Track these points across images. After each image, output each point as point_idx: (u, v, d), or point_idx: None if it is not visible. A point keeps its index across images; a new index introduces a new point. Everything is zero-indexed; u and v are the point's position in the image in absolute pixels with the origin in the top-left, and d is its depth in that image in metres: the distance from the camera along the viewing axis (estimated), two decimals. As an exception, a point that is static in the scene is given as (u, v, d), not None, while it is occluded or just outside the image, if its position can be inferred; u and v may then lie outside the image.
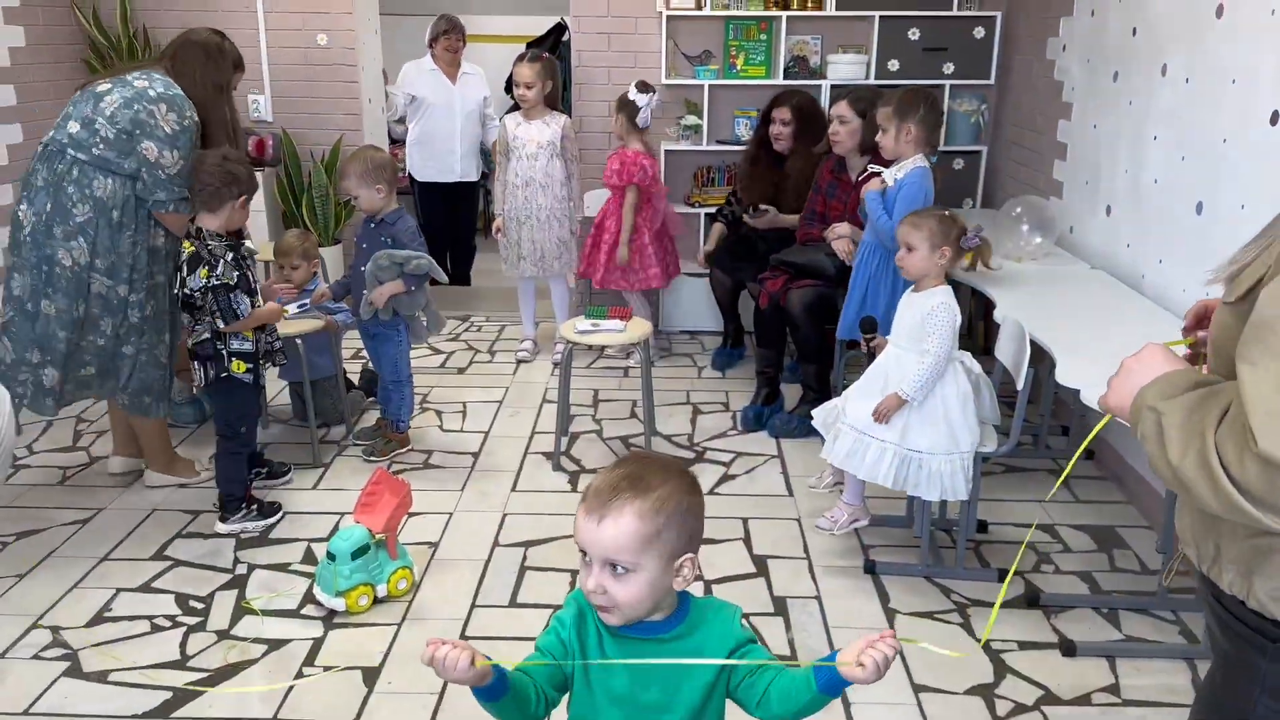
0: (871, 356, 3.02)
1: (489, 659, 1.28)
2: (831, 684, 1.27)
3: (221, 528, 3.20)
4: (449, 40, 5.61)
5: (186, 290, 3.01)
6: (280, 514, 3.26)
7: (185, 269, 3.01)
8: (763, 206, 4.36)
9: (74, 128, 3.04)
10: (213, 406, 3.21)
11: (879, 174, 3.47)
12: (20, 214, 3.08)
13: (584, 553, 1.31)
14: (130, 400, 3.27)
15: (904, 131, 3.38)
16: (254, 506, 3.24)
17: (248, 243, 3.19)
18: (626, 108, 4.46)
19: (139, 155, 3.02)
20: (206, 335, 3.06)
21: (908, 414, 2.81)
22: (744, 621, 1.40)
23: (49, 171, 3.05)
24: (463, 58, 5.72)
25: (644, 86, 4.48)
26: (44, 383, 3.12)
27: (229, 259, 3.04)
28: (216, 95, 3.19)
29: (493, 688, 1.30)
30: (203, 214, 3.05)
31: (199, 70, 3.17)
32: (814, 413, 3.12)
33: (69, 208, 3.01)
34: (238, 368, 3.11)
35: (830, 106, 4.05)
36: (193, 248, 3.02)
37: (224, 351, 3.09)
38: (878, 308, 3.42)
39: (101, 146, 3.01)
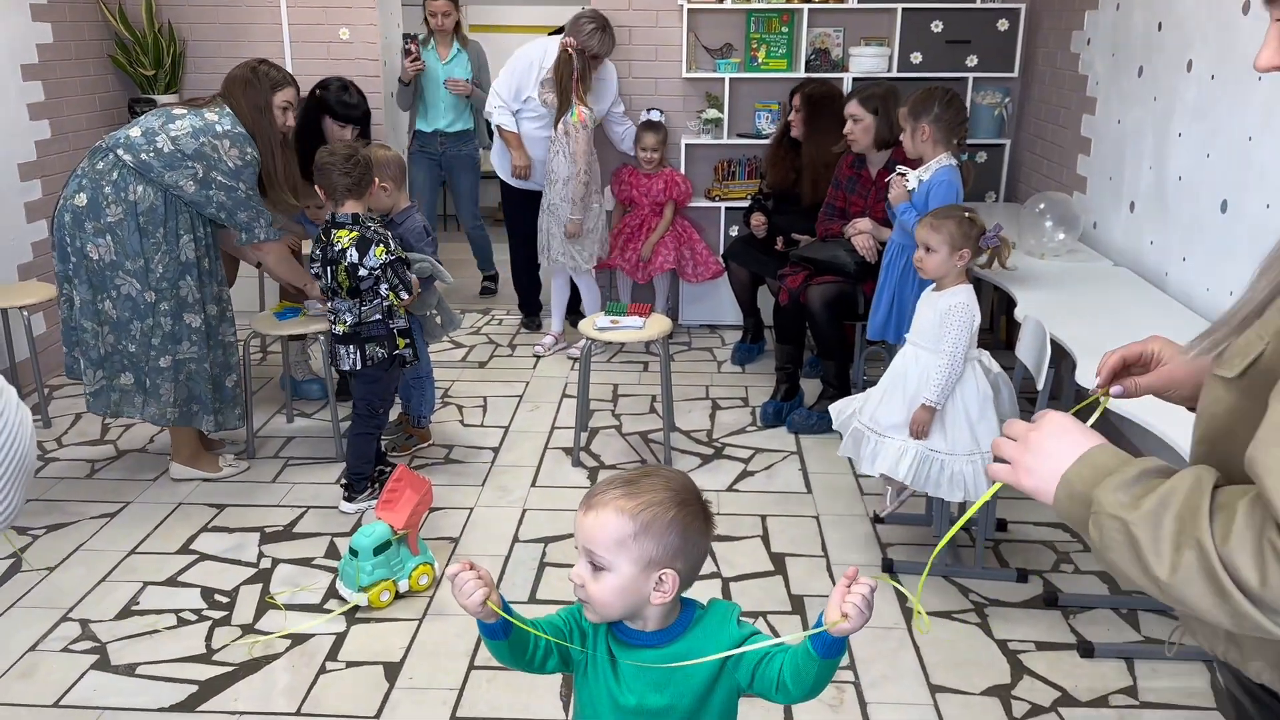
0: None
1: (504, 605, 1.34)
2: (829, 646, 1.28)
3: (347, 508, 3.33)
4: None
5: (363, 271, 3.09)
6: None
7: (355, 254, 3.09)
8: (795, 236, 4.37)
9: (134, 132, 3.21)
10: (358, 388, 3.29)
11: (903, 175, 3.45)
12: (61, 202, 3.23)
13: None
14: (179, 413, 3.37)
15: (920, 131, 3.35)
16: (377, 485, 3.33)
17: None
18: (665, 130, 4.93)
19: (213, 183, 3.21)
20: (378, 316, 3.18)
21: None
22: (741, 619, 1.41)
23: (90, 166, 3.22)
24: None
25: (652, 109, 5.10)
26: (77, 369, 3.34)
27: (392, 235, 3.17)
28: (258, 117, 3.31)
29: (495, 628, 1.36)
30: (349, 202, 3.15)
31: (242, 99, 3.31)
32: (830, 409, 3.12)
33: (103, 206, 3.16)
34: (402, 345, 3.23)
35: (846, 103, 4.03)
36: (355, 233, 3.10)
37: (394, 330, 3.21)
38: (906, 309, 3.41)
39: (150, 155, 3.16)
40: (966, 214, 2.82)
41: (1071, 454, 1.04)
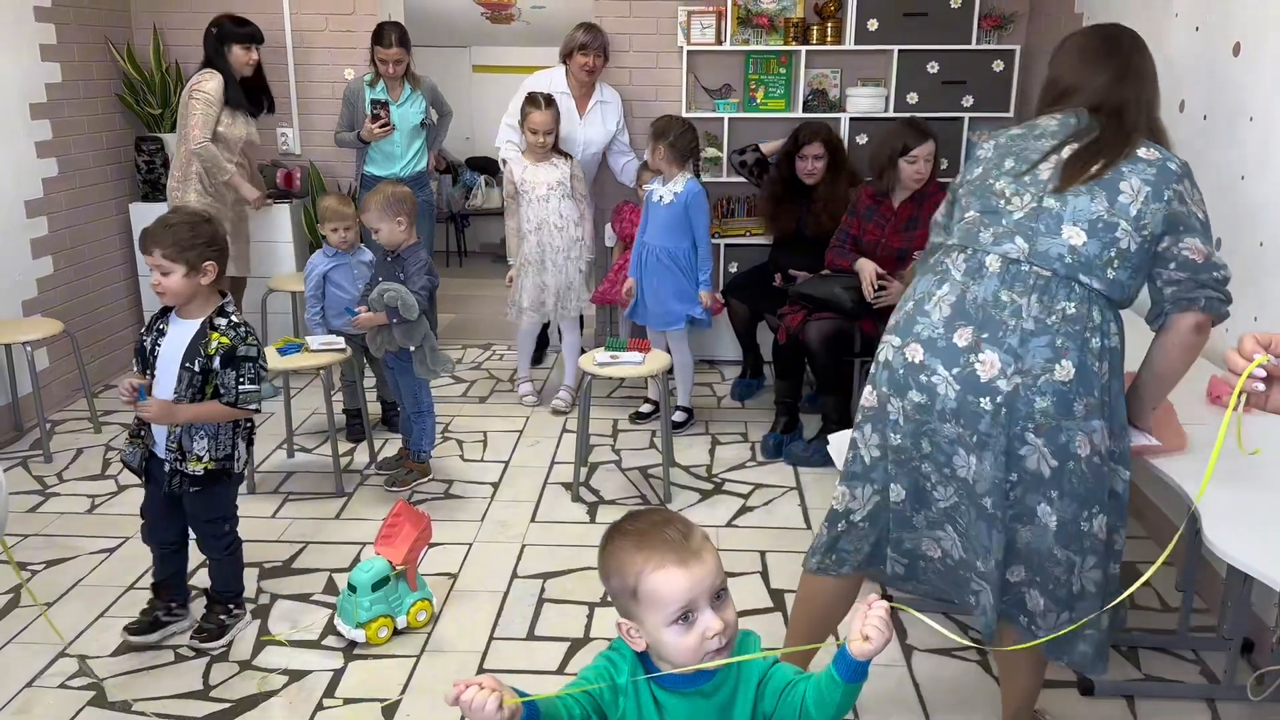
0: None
1: (518, 694, 1.25)
2: (852, 670, 1.29)
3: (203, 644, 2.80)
4: (586, 58, 4.75)
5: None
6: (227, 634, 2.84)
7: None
8: (792, 272, 4.47)
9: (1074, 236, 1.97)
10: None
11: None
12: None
13: (686, 613, 1.30)
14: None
15: (658, 151, 4.07)
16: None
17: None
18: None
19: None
20: None
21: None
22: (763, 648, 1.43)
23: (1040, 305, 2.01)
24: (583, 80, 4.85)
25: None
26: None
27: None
28: None
29: None
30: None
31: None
32: (830, 438, 3.13)
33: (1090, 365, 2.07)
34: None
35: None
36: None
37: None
38: (663, 294, 4.19)
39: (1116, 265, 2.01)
40: None
41: None
